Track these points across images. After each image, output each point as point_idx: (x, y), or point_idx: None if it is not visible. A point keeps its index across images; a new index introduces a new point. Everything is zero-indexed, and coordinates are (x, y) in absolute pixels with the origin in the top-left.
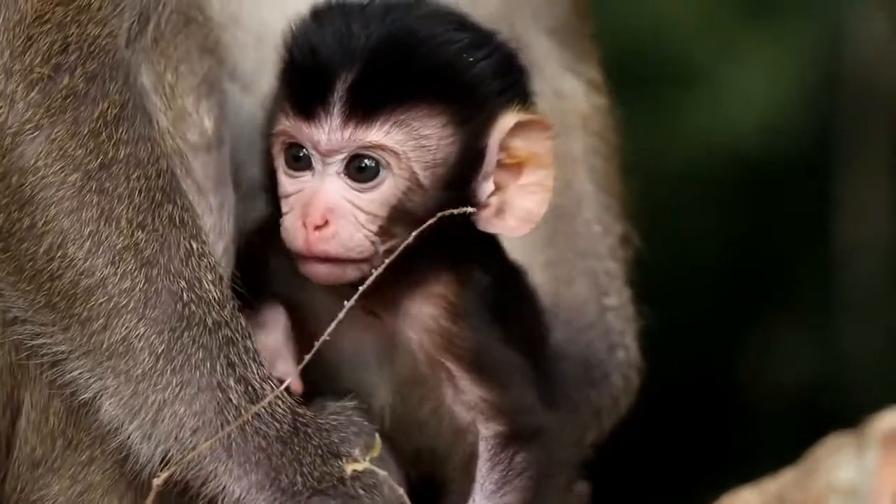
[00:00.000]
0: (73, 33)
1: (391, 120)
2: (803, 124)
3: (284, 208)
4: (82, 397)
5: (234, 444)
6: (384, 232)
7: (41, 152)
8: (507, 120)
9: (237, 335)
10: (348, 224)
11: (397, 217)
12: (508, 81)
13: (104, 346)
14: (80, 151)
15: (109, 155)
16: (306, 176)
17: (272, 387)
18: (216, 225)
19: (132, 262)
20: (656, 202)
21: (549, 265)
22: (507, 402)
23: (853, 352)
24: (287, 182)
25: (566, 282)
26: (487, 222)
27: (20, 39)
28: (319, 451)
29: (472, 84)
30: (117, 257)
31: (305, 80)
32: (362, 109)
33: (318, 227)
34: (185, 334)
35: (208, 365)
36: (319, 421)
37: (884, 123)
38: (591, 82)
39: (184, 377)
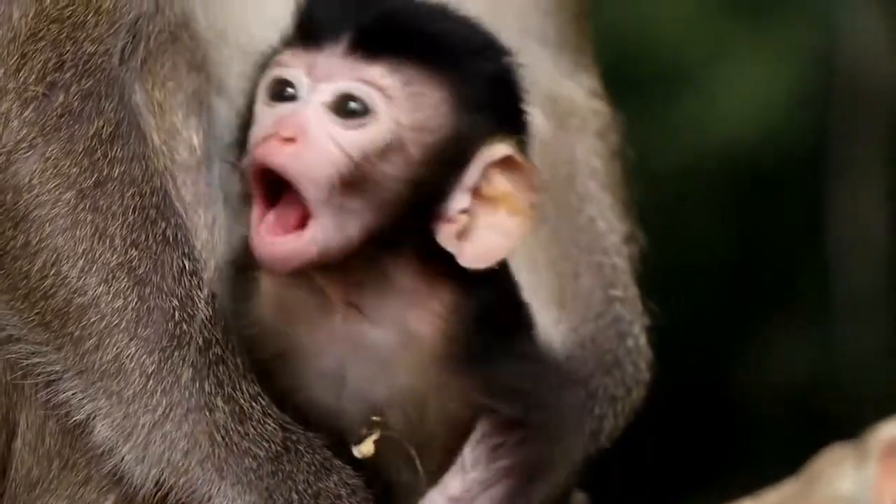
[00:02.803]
0: (68, 51)
1: (395, 65)
2: (799, 126)
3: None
4: (76, 418)
5: (225, 466)
6: (351, 184)
7: (35, 170)
8: (500, 148)
9: (227, 353)
10: (316, 150)
11: (369, 174)
12: (514, 111)
13: (96, 365)
14: (74, 169)
15: (104, 173)
16: (287, 104)
17: (261, 405)
18: (207, 242)
19: (125, 280)
20: (651, 205)
21: (553, 262)
22: (505, 394)
23: (851, 354)
24: (266, 115)
25: (572, 276)
26: (447, 239)
27: (14, 57)
28: (313, 468)
29: (484, 82)
30: (111, 276)
31: (322, 10)
32: (369, 46)
33: (285, 141)
34: (176, 354)
35: (197, 385)
36: (311, 436)
37: (879, 125)
38: (591, 90)
39: (173, 398)
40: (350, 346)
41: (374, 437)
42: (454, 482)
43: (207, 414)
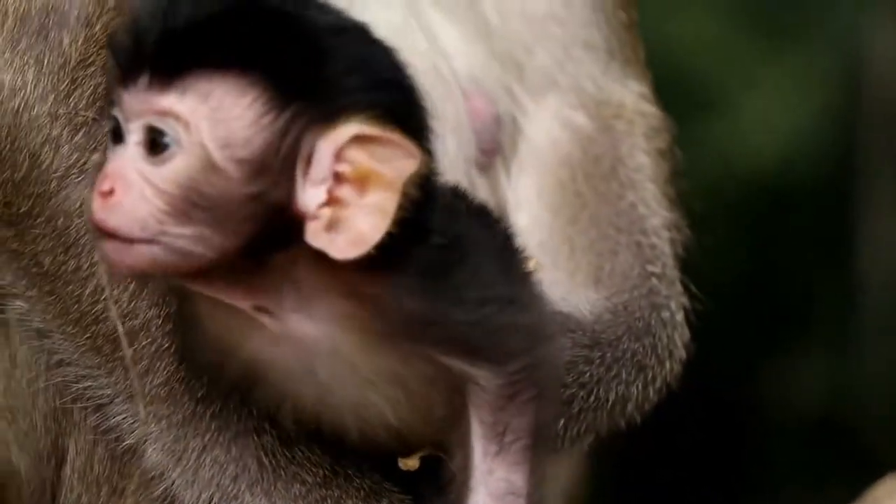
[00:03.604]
0: None
1: (188, 86)
2: (824, 150)
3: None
4: (126, 443)
5: (274, 491)
6: (179, 214)
7: (86, 195)
8: (349, 127)
9: None
10: (132, 196)
11: (196, 201)
12: (361, 83)
13: (147, 389)
14: None
15: None
16: (118, 148)
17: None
18: None
19: (175, 304)
20: None
21: (592, 244)
22: (489, 355)
23: (873, 376)
24: (109, 157)
25: (610, 254)
26: (314, 236)
27: (65, 83)
28: (362, 493)
29: (301, 69)
30: (161, 299)
31: (121, 44)
32: (163, 73)
33: (105, 195)
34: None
35: (245, 408)
36: (360, 460)
37: None
38: (641, 94)
39: (222, 421)
40: (298, 349)
41: (423, 452)
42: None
43: (255, 437)
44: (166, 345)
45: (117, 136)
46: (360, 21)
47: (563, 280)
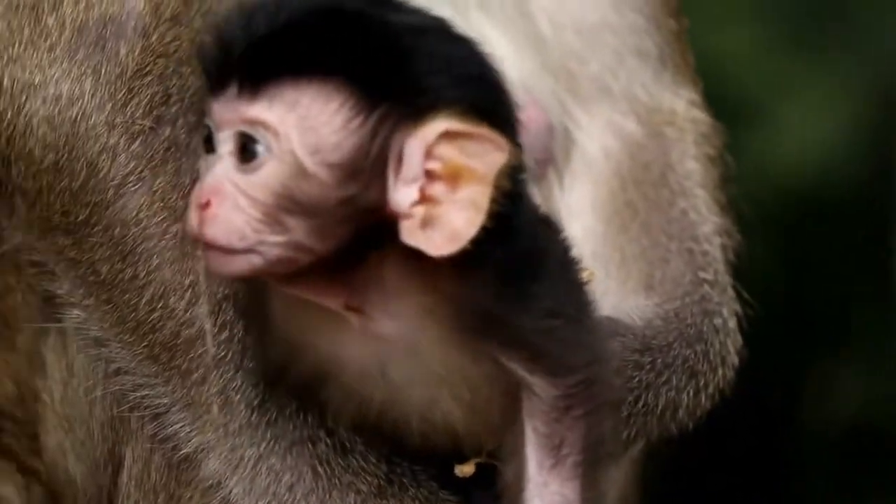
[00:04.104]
0: (174, 85)
1: (276, 94)
2: (861, 159)
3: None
4: (184, 451)
5: (328, 500)
6: (274, 222)
7: (143, 204)
8: (437, 125)
9: None
10: (227, 207)
11: (290, 208)
12: (446, 80)
13: (203, 398)
14: (181, 202)
15: None
16: (210, 158)
17: (362, 438)
18: None
19: (232, 311)
20: None
21: (643, 252)
22: (549, 366)
23: None
24: (202, 165)
25: (662, 261)
26: (411, 234)
27: (122, 92)
28: (417, 502)
29: (385, 70)
30: (217, 307)
31: (210, 53)
32: (251, 82)
33: (203, 208)
34: (280, 385)
35: (300, 417)
36: (416, 469)
37: None
38: (691, 101)
39: (277, 430)
40: (375, 349)
41: (478, 459)
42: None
43: (310, 447)
44: (222, 353)
45: (209, 145)
46: (440, 17)
47: (615, 288)
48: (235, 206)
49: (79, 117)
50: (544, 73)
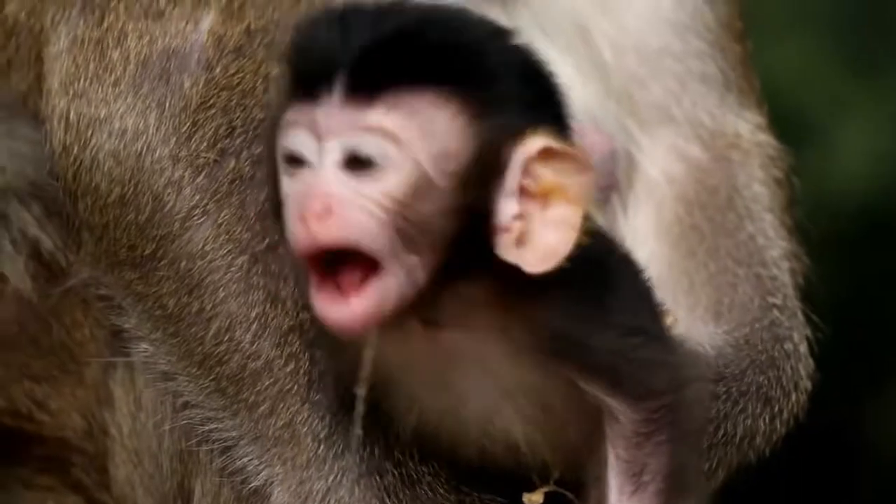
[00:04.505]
0: (238, 117)
1: (393, 101)
2: None
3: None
4: (253, 485)
5: None
6: (397, 233)
7: (209, 236)
8: (536, 141)
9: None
10: (353, 207)
11: (410, 220)
12: (540, 98)
13: (271, 431)
14: (246, 234)
15: (275, 237)
16: (304, 171)
17: (431, 468)
18: None
19: (298, 343)
20: None
21: (711, 278)
22: (631, 389)
23: None
24: (286, 182)
25: (730, 286)
26: (507, 250)
27: (186, 125)
28: None
29: (495, 78)
30: (283, 339)
31: (310, 57)
32: (364, 88)
33: (319, 216)
34: (346, 417)
35: (367, 449)
36: (485, 498)
37: None
38: (757, 125)
39: (345, 462)
40: (443, 360)
41: (547, 488)
42: None
43: (378, 479)
44: (288, 386)
45: (294, 161)
46: (513, 30)
47: (684, 315)
48: (361, 207)
49: (144, 151)
50: (607, 98)
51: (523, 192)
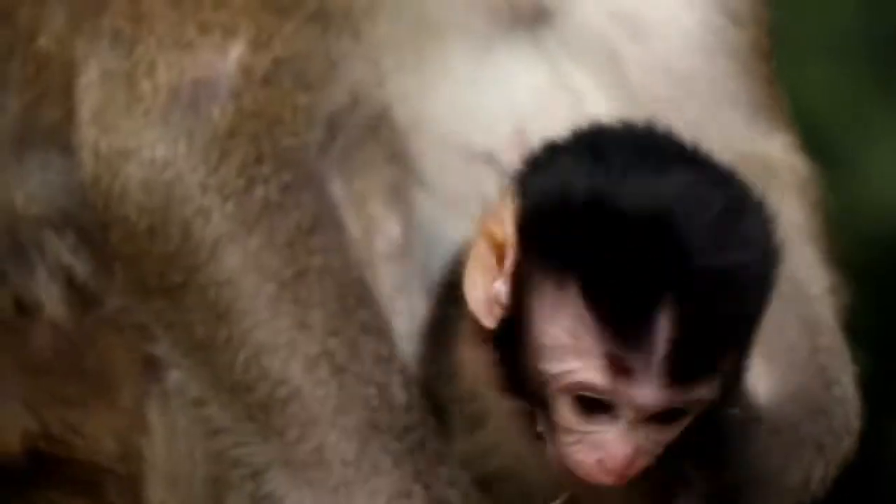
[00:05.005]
0: (266, 145)
1: (715, 376)
2: None
3: (566, 437)
4: None
5: None
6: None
7: (237, 264)
8: None
9: (425, 440)
10: (648, 458)
11: None
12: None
13: (300, 456)
14: (275, 262)
15: (303, 264)
16: (602, 419)
17: (460, 491)
18: (404, 331)
19: (326, 369)
20: None
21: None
22: (709, 460)
23: None
24: (574, 421)
25: (777, 329)
26: None
27: (214, 153)
28: None
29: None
30: (312, 365)
31: (633, 344)
32: (689, 371)
33: (619, 470)
34: (374, 442)
35: (396, 473)
36: None
37: None
38: (788, 146)
39: (372, 486)
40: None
41: None
42: None
43: (406, 501)
44: (317, 412)
45: (591, 405)
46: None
47: None
48: (651, 453)
49: (173, 180)
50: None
51: None
